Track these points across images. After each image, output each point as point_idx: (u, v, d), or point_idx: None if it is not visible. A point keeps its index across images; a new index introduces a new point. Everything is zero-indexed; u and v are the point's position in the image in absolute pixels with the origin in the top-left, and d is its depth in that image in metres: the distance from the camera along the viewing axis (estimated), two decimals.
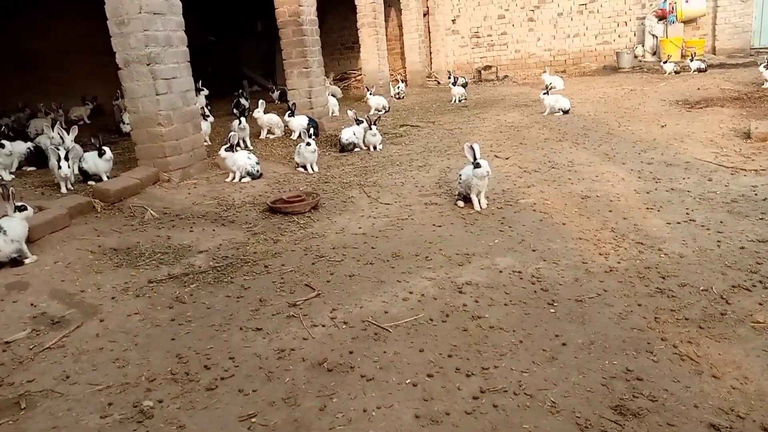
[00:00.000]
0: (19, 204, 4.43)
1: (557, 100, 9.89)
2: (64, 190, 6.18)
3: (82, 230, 5.17)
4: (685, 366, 2.75)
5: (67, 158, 6.18)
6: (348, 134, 8.43)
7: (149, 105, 6.44)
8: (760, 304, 3.25)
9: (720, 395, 2.52)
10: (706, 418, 2.38)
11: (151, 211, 5.65)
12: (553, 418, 2.47)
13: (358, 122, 8.47)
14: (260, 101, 9.26)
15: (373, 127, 8.25)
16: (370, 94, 12.20)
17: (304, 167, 7.28)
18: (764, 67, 10.93)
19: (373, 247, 4.60)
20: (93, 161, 6.57)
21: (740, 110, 8.98)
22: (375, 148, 8.38)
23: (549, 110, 9.90)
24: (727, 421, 2.35)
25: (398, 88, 14.53)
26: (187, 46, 6.96)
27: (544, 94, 10.00)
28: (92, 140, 6.66)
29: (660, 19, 16.67)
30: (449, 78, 13.30)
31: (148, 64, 6.32)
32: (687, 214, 4.77)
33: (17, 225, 4.38)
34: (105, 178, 6.50)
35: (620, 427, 2.38)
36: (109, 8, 6.25)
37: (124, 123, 9.40)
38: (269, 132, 9.54)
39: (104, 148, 6.51)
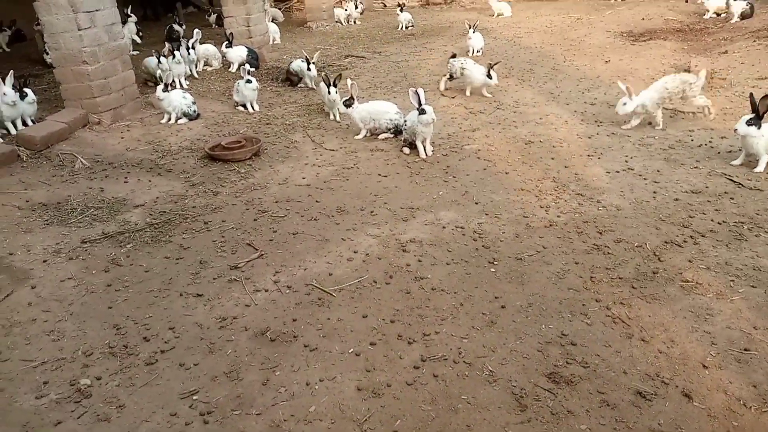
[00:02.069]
0: None
1: (479, 40, 9.37)
2: None
3: (7, 183, 4.87)
4: (617, 329, 2.87)
5: None
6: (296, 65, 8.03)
7: (72, 41, 5.96)
8: (690, 261, 3.39)
9: (648, 360, 2.65)
10: (634, 385, 2.51)
11: (82, 159, 5.36)
12: (491, 387, 2.55)
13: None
14: (195, 31, 8.69)
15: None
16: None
17: (244, 106, 6.98)
18: None
19: (317, 201, 4.52)
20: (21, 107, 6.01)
21: (682, 44, 9.05)
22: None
23: (472, 50, 9.42)
24: (652, 387, 2.49)
25: (348, 10, 13.83)
26: None
27: (473, 32, 9.37)
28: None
29: None
30: (400, 10, 12.67)
31: None
32: (626, 162, 4.86)
33: None
34: (30, 123, 6.03)
35: (553, 395, 2.48)
36: None
37: (47, 53, 8.68)
38: (206, 64, 9.05)
39: (26, 90, 5.98)
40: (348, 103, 5.79)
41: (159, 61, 7.46)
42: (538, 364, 2.68)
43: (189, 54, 8.31)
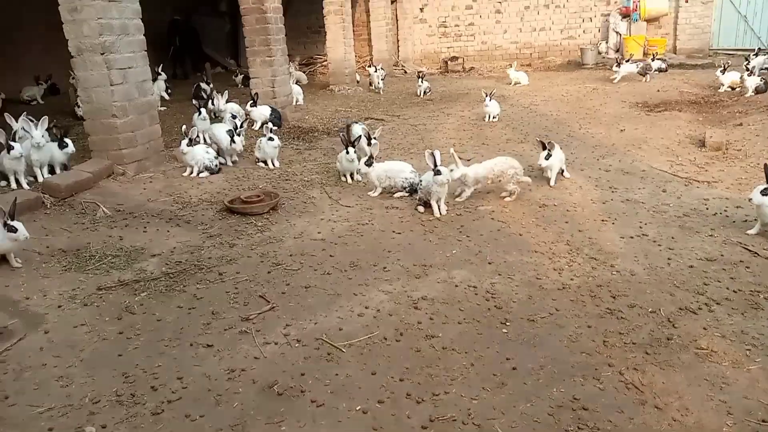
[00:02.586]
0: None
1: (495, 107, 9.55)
2: (14, 185, 5.87)
3: (30, 228, 4.92)
4: (629, 395, 2.81)
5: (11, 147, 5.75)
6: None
7: (103, 96, 6.22)
8: (705, 328, 3.34)
9: (661, 428, 2.58)
10: None
11: (104, 208, 5.48)
12: None
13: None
14: (221, 93, 9.01)
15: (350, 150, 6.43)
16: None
17: (265, 162, 7.16)
18: (721, 71, 11.19)
19: (331, 255, 4.56)
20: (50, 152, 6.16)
21: (697, 115, 9.19)
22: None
23: (488, 116, 9.62)
24: None
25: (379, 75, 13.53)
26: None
27: (489, 100, 9.41)
28: (53, 129, 6.32)
29: (624, 17, 16.88)
30: (419, 79, 12.91)
31: (102, 54, 6.09)
32: (640, 228, 4.87)
33: None
34: (57, 170, 6.22)
35: None
36: None
37: (79, 106, 9.03)
38: None
39: (66, 140, 6.18)
40: (369, 162, 5.94)
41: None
42: (549, 428, 2.62)
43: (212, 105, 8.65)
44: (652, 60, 14.08)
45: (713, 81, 11.70)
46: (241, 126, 7.46)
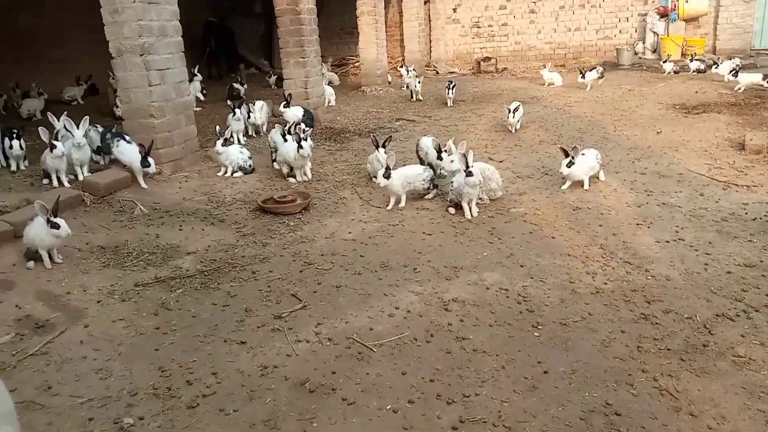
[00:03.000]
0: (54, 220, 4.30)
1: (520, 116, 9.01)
2: (55, 183, 6.06)
3: (71, 225, 5.05)
4: (663, 401, 2.77)
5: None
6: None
7: (142, 96, 6.37)
8: (742, 336, 3.27)
9: None
10: None
11: (141, 207, 5.62)
12: None
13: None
14: (258, 103, 9.09)
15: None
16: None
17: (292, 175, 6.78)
18: (732, 74, 11.00)
19: (362, 255, 4.59)
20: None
21: (737, 117, 8.96)
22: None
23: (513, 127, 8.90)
24: None
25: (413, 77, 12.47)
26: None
27: (512, 111, 8.67)
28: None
29: (662, 17, 16.54)
30: (448, 89, 11.26)
31: (141, 55, 6.24)
32: (676, 232, 4.78)
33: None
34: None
35: None
36: None
37: (117, 106, 9.26)
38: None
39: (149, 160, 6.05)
40: (387, 174, 5.51)
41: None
42: None
43: (249, 117, 8.72)
44: (690, 61, 13.79)
45: (753, 82, 11.36)
46: (305, 131, 6.50)
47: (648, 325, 3.43)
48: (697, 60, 13.80)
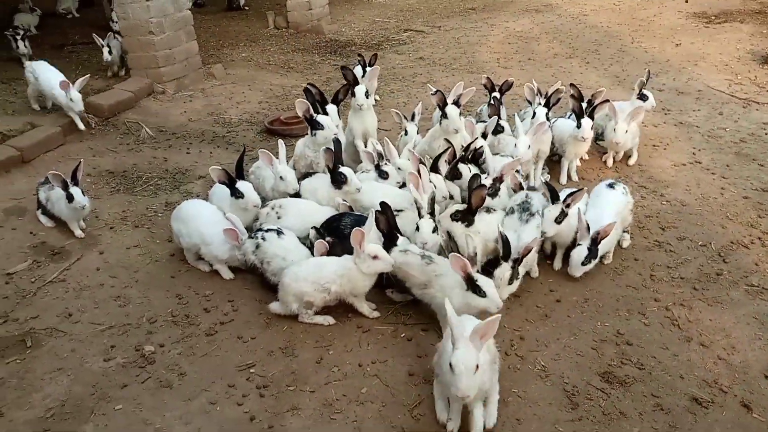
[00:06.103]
0: None
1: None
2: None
3: (77, 149, 5.08)
4: (675, 331, 2.81)
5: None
6: None
7: (139, 11, 6.10)
8: (756, 264, 3.26)
9: (706, 366, 2.59)
10: (690, 390, 2.46)
11: (147, 129, 5.52)
12: (542, 383, 2.55)
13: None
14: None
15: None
16: None
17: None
18: None
19: None
20: None
21: (761, 27, 8.55)
22: None
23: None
24: (709, 394, 2.44)
25: None
26: None
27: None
28: None
29: None
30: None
31: None
32: (693, 154, 4.68)
33: None
34: None
35: (606, 395, 2.46)
36: None
37: (114, 21, 8.88)
38: None
39: None
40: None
41: None
42: (592, 362, 2.66)
43: None
44: None
45: None
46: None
47: (662, 253, 3.43)
48: None
